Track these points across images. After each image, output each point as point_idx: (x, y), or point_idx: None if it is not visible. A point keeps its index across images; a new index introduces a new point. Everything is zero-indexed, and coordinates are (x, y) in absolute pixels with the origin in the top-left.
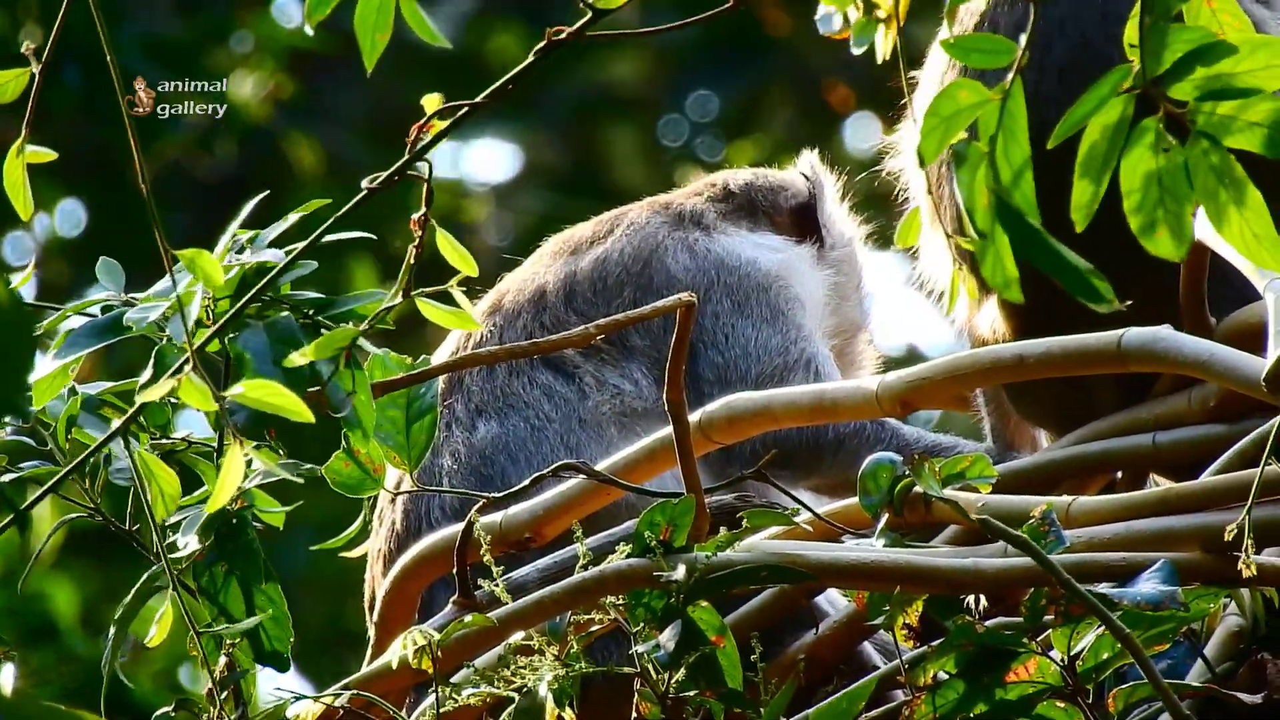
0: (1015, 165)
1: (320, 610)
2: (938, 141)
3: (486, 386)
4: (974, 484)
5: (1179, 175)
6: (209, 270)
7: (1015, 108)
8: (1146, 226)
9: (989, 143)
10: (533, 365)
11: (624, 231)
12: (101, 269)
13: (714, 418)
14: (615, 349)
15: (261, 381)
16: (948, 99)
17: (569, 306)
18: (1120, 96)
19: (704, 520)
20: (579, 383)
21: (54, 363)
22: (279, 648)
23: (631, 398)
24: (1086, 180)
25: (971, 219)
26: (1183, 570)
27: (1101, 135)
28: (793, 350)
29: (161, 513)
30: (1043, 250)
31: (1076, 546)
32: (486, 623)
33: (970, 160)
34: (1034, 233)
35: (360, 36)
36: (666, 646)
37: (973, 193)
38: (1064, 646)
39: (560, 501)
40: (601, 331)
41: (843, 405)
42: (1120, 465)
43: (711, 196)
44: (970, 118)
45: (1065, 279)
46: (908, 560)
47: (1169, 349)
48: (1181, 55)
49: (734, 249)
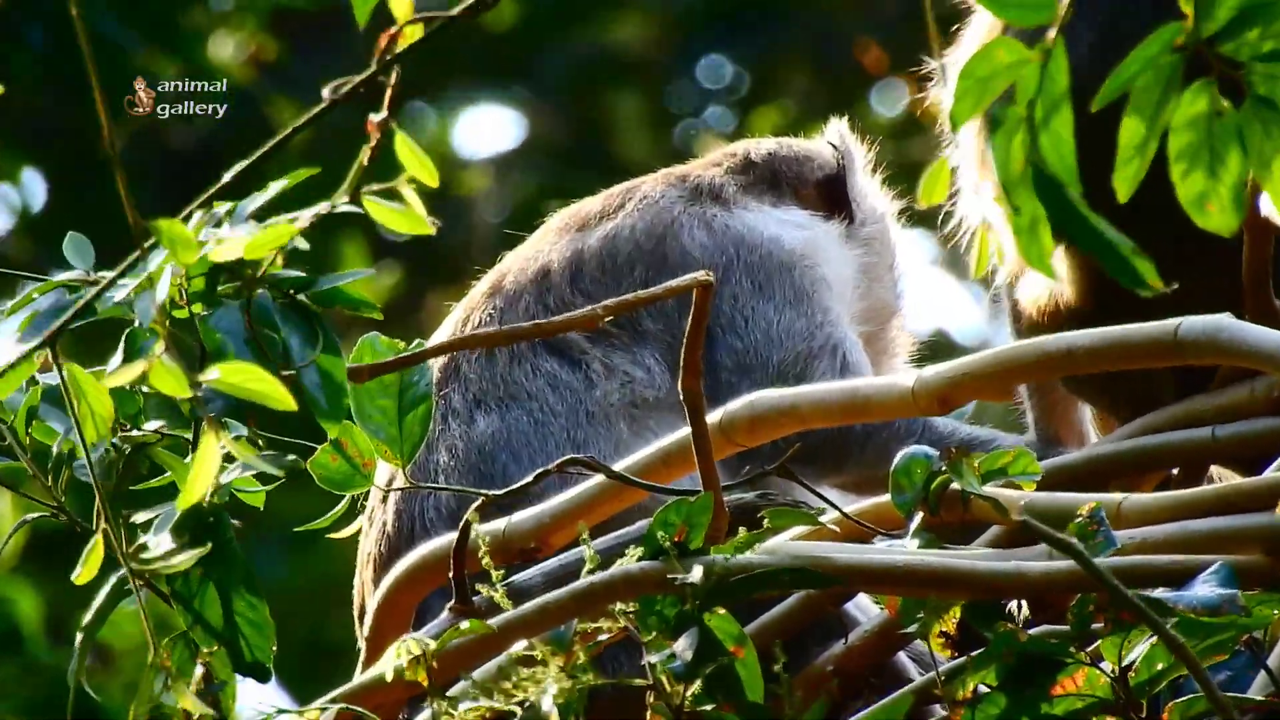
0: (1056, 131)
1: (302, 622)
2: (972, 104)
3: (485, 375)
4: (1016, 481)
5: (1232, 141)
6: (181, 243)
7: (1056, 70)
8: (1196, 198)
9: (1027, 107)
10: (535, 351)
11: (636, 206)
12: (69, 246)
13: (735, 418)
14: (626, 333)
15: (239, 364)
16: (984, 59)
17: (575, 287)
18: (1170, 56)
19: (722, 520)
20: (586, 370)
21: (16, 349)
22: (260, 658)
23: (643, 386)
24: (1132, 147)
25: (1006, 189)
26: (1243, 573)
27: (1149, 98)
28: (818, 335)
29: (92, 435)
30: (1081, 226)
31: (1128, 548)
32: (486, 630)
33: (1007, 125)
34: (1072, 206)
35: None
36: (682, 656)
37: (1008, 161)
38: (1114, 657)
39: (569, 507)
40: (610, 313)
41: (875, 404)
42: (1177, 461)
43: (731, 168)
44: (1008, 79)
45: (1105, 258)
46: (944, 563)
47: (1232, 339)
48: (1237, 12)
49: (756, 225)
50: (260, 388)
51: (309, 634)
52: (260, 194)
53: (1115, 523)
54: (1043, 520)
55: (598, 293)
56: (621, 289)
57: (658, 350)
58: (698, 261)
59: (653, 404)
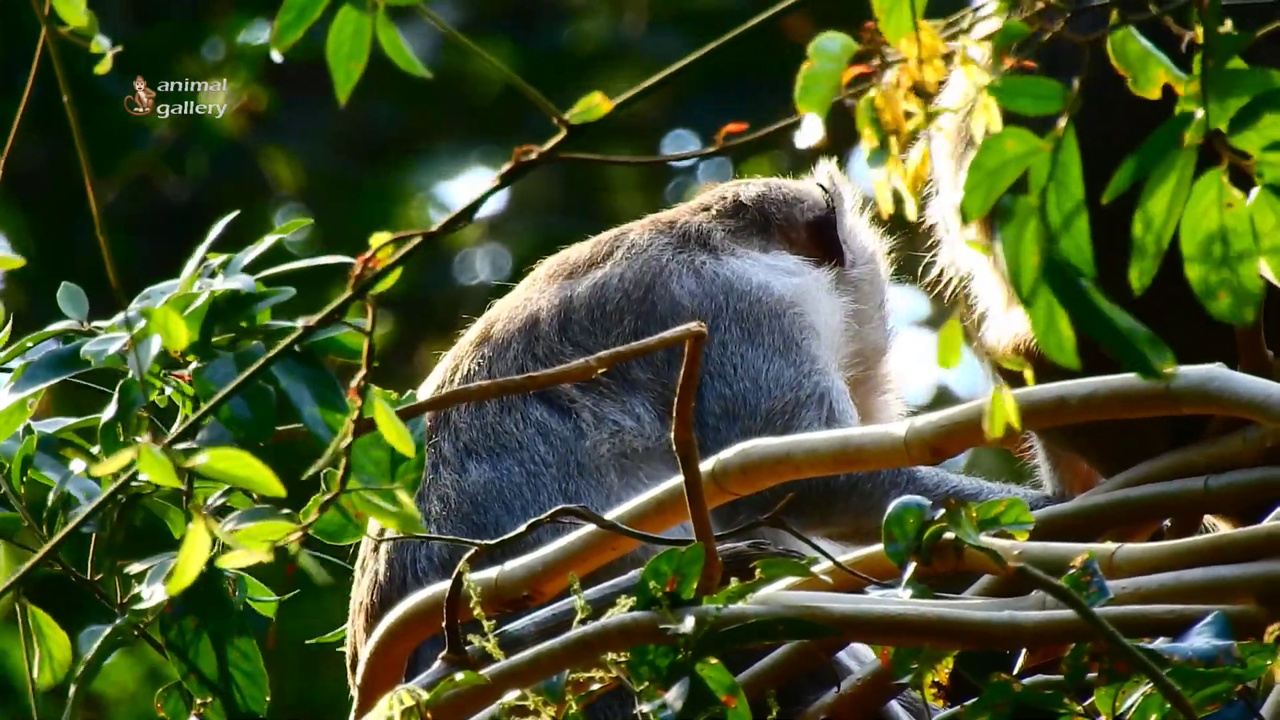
0: (1070, 221)
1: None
2: (983, 197)
3: (475, 424)
4: (1009, 530)
5: (1244, 231)
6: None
7: (1068, 158)
8: (1208, 288)
9: (1039, 195)
10: (526, 400)
11: (624, 254)
12: (63, 296)
13: (728, 466)
14: (616, 382)
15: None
16: (993, 151)
17: (564, 336)
18: (1183, 148)
19: (715, 570)
20: (575, 419)
21: (10, 397)
22: (254, 708)
23: (633, 435)
24: (1147, 238)
25: (1016, 281)
26: (1237, 623)
27: (1162, 188)
28: (805, 384)
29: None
30: (1092, 315)
31: (1122, 598)
32: (479, 681)
33: (1018, 216)
34: (1086, 298)
35: (333, 66)
36: (673, 706)
37: (1019, 252)
38: (1109, 707)
39: (561, 556)
40: (603, 365)
41: (869, 453)
42: (1170, 511)
43: (720, 212)
44: (1019, 170)
45: (1117, 347)
46: (938, 613)
47: (1222, 389)
48: (1248, 102)
49: (744, 272)
50: (249, 474)
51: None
52: (254, 246)
53: (1109, 572)
54: (1037, 569)
55: (586, 342)
56: (610, 338)
57: (648, 399)
58: (687, 310)
59: (643, 454)
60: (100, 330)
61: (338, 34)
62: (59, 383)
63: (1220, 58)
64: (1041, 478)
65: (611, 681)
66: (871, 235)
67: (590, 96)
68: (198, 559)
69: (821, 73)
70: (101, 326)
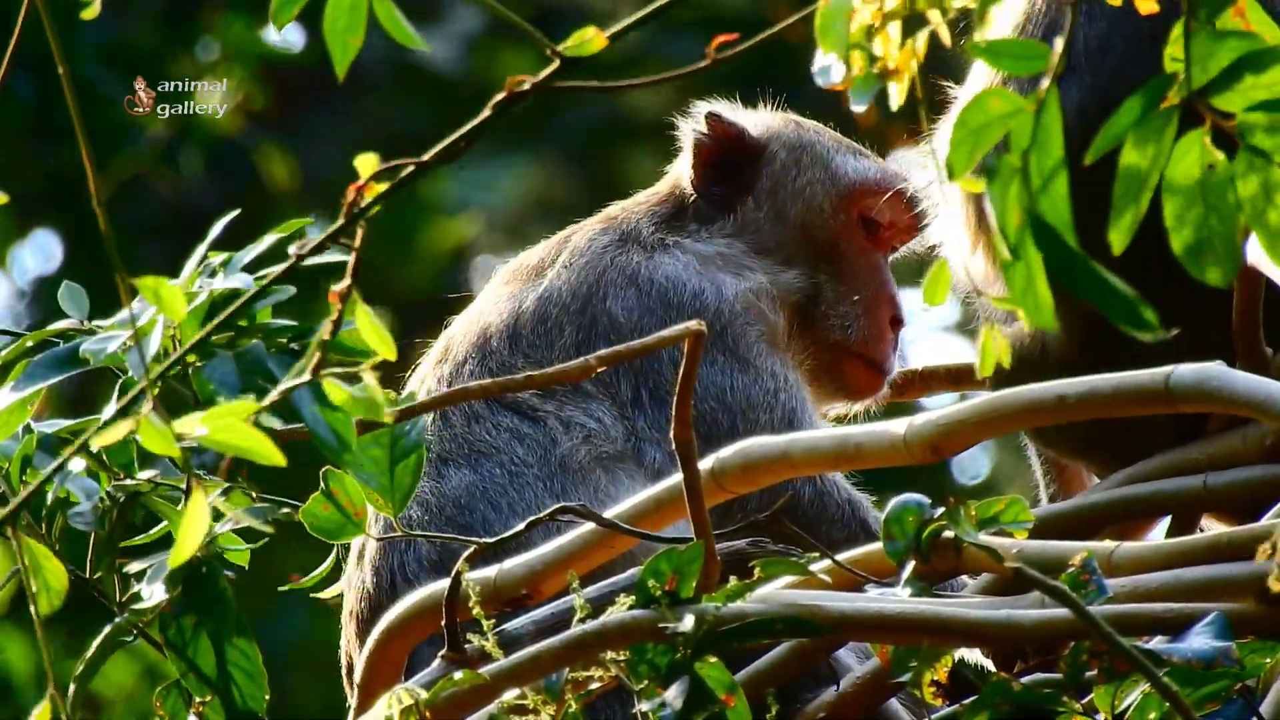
0: (1050, 183)
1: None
2: (967, 154)
3: (445, 435)
4: (1008, 529)
5: (1226, 193)
6: (170, 302)
7: (1050, 120)
8: (1191, 250)
9: (1021, 157)
10: (492, 410)
11: (565, 260)
12: (64, 295)
13: (727, 464)
14: (567, 390)
15: (227, 420)
16: (977, 109)
17: (514, 349)
18: (1163, 108)
19: (714, 569)
20: (546, 425)
21: (10, 396)
22: (253, 706)
23: (600, 439)
24: (1126, 199)
25: (1004, 237)
26: (1236, 622)
27: (1141, 150)
28: (775, 405)
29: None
30: (1082, 274)
31: (1120, 596)
32: (479, 680)
33: (1002, 175)
34: (1072, 255)
35: (330, 41)
36: (673, 705)
37: (1005, 210)
38: (1108, 706)
39: (560, 555)
40: (602, 364)
41: (867, 451)
42: (1169, 509)
43: (652, 201)
44: (1002, 130)
45: (1107, 306)
46: (937, 611)
47: (1220, 387)
48: (1229, 63)
49: (679, 279)
50: (248, 444)
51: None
52: (254, 245)
53: (1108, 571)
54: (1034, 569)
55: (535, 355)
56: (554, 352)
57: (605, 405)
58: (624, 328)
59: (616, 455)
60: (100, 329)
61: (334, 8)
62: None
63: (1204, 17)
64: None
65: (611, 680)
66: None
67: (583, 30)
68: (197, 531)
69: (837, 8)
70: (101, 325)
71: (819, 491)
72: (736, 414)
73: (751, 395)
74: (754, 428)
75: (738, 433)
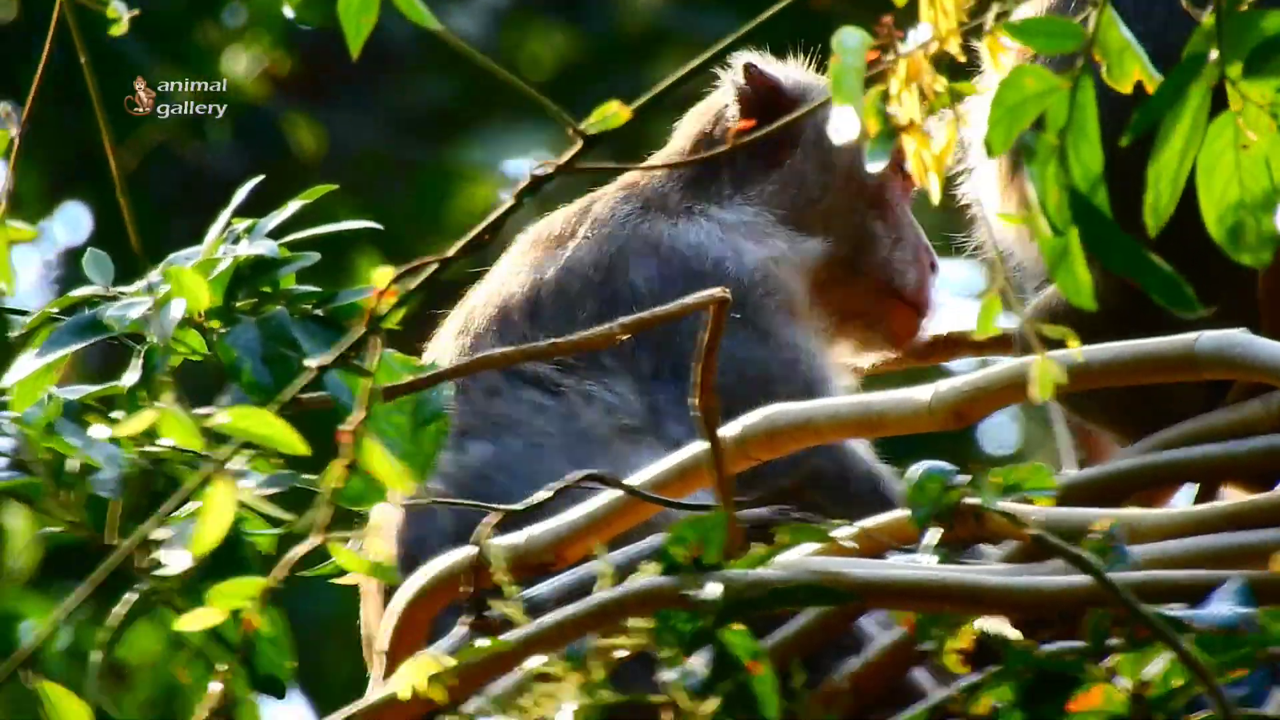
0: (1086, 162)
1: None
2: (1004, 132)
3: (465, 410)
4: (1032, 496)
5: (1260, 173)
6: (191, 287)
7: (1085, 98)
8: (1227, 231)
9: (1058, 135)
10: (511, 385)
11: (588, 229)
12: (89, 262)
13: (753, 431)
14: (585, 365)
15: (248, 410)
16: (1013, 87)
17: (535, 324)
18: (1196, 89)
19: (736, 536)
20: (567, 399)
21: (35, 362)
22: (276, 673)
23: (621, 413)
24: (1162, 180)
25: (1046, 215)
26: (1260, 589)
27: (1176, 131)
28: (794, 377)
29: None
30: (1122, 251)
31: (1142, 564)
32: (504, 646)
33: (1040, 154)
34: (1112, 231)
35: (344, 21)
36: (698, 673)
37: (1045, 187)
38: (1131, 673)
39: (586, 521)
40: (626, 331)
41: (891, 418)
42: (1193, 476)
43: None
44: (1038, 108)
45: (1148, 282)
46: (960, 578)
47: (1244, 354)
48: (1259, 45)
49: (701, 247)
50: (270, 432)
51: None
52: (279, 212)
53: (1131, 538)
54: (1059, 535)
55: (556, 329)
56: (575, 325)
57: (628, 380)
58: (646, 298)
59: (641, 428)
60: (124, 295)
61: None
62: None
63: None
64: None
65: (636, 648)
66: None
67: (606, 105)
68: (219, 521)
69: (849, 67)
70: (125, 291)
71: (839, 463)
72: (755, 387)
73: (770, 369)
74: (772, 401)
75: (755, 406)
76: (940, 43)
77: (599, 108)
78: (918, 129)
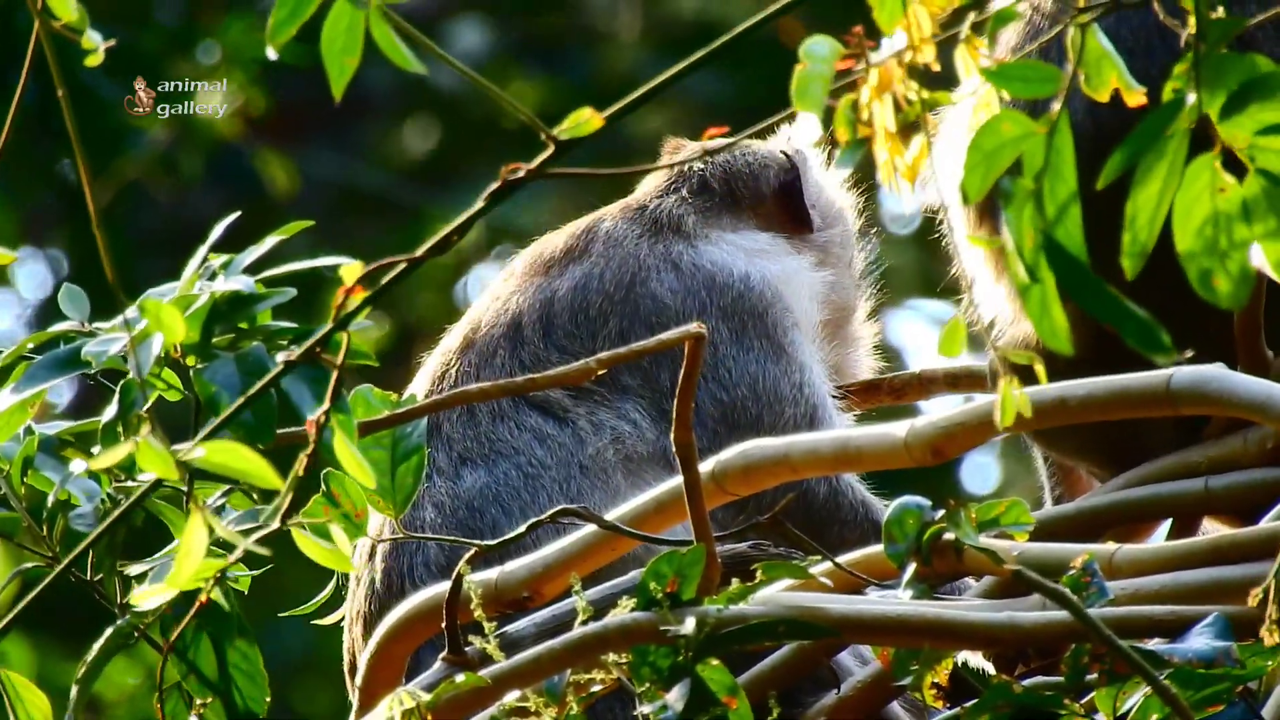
0: (1062, 205)
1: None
2: (981, 178)
3: (469, 433)
4: (1009, 531)
5: (1237, 216)
6: (170, 324)
7: (1062, 143)
8: (1202, 273)
9: (1035, 179)
10: (518, 409)
11: (601, 248)
12: (64, 298)
13: (728, 467)
14: (607, 389)
15: (226, 444)
16: (990, 132)
17: (548, 341)
18: (1174, 134)
19: (714, 571)
20: (574, 427)
21: (11, 398)
22: (254, 708)
23: (633, 440)
24: (1139, 223)
25: (1021, 259)
26: (1237, 624)
27: (1155, 173)
28: (800, 400)
29: None
30: (1095, 294)
31: (1120, 599)
32: (480, 682)
33: (1017, 198)
34: (1086, 276)
35: (327, 61)
36: (674, 707)
37: (1021, 232)
38: (1109, 708)
39: (562, 557)
40: (603, 366)
41: (868, 454)
42: (1170, 512)
43: (689, 191)
44: (1015, 153)
45: (1121, 325)
46: (938, 614)
47: (1221, 390)
48: (1238, 88)
49: (724, 263)
50: (246, 466)
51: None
52: (255, 248)
53: (1108, 573)
54: (1036, 571)
55: (572, 346)
56: (597, 342)
57: (640, 404)
58: (670, 308)
59: (646, 458)
60: (101, 331)
61: (331, 29)
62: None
63: (1211, 43)
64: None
65: (613, 683)
66: (838, 192)
67: (579, 112)
68: (196, 554)
69: (815, 74)
70: (102, 327)
71: (834, 491)
72: (764, 404)
73: (780, 387)
74: (779, 419)
75: (763, 424)
76: (914, 51)
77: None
78: (891, 137)
